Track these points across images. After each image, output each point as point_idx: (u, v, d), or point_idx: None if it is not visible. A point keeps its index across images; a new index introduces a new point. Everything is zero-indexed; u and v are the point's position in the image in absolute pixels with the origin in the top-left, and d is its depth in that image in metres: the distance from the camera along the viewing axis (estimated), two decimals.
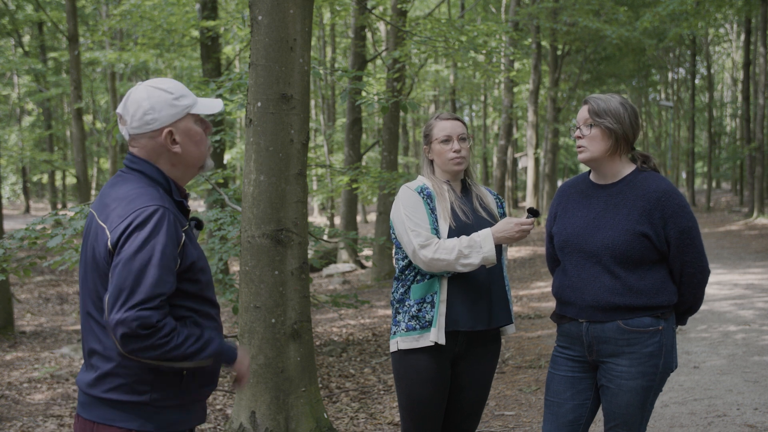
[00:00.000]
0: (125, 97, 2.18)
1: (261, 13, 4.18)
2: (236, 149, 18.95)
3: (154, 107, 2.12)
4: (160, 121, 2.13)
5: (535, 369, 6.27)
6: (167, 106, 2.13)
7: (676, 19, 18.21)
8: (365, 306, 10.14)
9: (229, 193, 6.45)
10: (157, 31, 15.53)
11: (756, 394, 5.19)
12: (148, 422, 2.07)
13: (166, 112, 2.13)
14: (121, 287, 1.95)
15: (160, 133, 2.14)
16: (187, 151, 2.18)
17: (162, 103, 2.13)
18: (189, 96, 2.18)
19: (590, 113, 2.79)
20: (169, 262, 2.00)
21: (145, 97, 2.13)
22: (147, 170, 2.15)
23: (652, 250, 2.73)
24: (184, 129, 2.17)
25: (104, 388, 2.07)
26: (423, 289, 2.97)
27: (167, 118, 2.13)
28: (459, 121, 3.10)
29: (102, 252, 2.04)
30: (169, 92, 2.15)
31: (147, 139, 2.15)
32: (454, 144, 3.04)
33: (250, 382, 4.27)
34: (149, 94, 2.13)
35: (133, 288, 1.94)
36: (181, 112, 2.15)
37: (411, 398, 3.02)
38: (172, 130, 2.15)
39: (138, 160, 2.16)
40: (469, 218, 3.03)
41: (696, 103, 34.82)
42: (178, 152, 2.17)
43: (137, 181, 2.12)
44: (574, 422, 2.88)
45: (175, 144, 2.16)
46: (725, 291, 9.79)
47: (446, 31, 11.47)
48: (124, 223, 2.01)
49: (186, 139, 2.17)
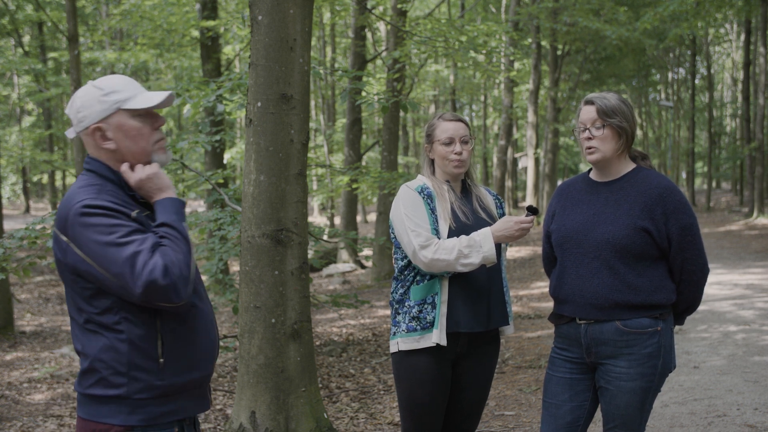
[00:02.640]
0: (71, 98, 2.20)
1: (261, 13, 4.18)
2: (236, 149, 18.93)
3: (84, 105, 2.13)
4: (89, 118, 2.12)
5: (535, 369, 6.27)
6: (95, 103, 2.12)
7: (677, 19, 18.21)
8: (365, 306, 10.14)
9: (229, 193, 6.45)
10: (157, 31, 15.52)
11: (756, 394, 5.19)
12: (130, 416, 2.07)
13: (94, 108, 2.12)
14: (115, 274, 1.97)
15: (91, 130, 2.13)
16: (122, 147, 2.14)
17: (91, 101, 2.12)
18: (122, 92, 2.14)
19: (599, 113, 2.77)
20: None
21: (79, 96, 2.14)
22: (97, 168, 2.15)
23: (652, 245, 2.73)
24: (116, 125, 2.13)
25: (86, 384, 2.10)
26: (423, 290, 2.97)
27: (95, 114, 2.12)
28: (462, 123, 3.09)
29: (57, 252, 2.07)
30: (99, 89, 2.13)
31: (85, 137, 2.16)
32: (456, 146, 3.04)
33: (250, 382, 4.27)
34: (84, 93, 2.14)
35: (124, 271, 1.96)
36: (109, 108, 2.12)
37: (411, 399, 3.02)
38: (100, 126, 2.12)
39: (90, 159, 2.18)
40: (468, 219, 3.03)
41: (696, 103, 34.82)
42: (112, 148, 2.14)
43: (84, 180, 2.13)
44: (573, 423, 2.87)
45: (107, 141, 2.13)
46: (725, 291, 9.79)
47: (446, 31, 11.48)
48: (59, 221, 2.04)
49: (119, 134, 2.13)
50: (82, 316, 2.08)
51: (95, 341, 2.07)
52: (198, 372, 2.19)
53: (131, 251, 1.97)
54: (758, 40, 21.48)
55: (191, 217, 6.73)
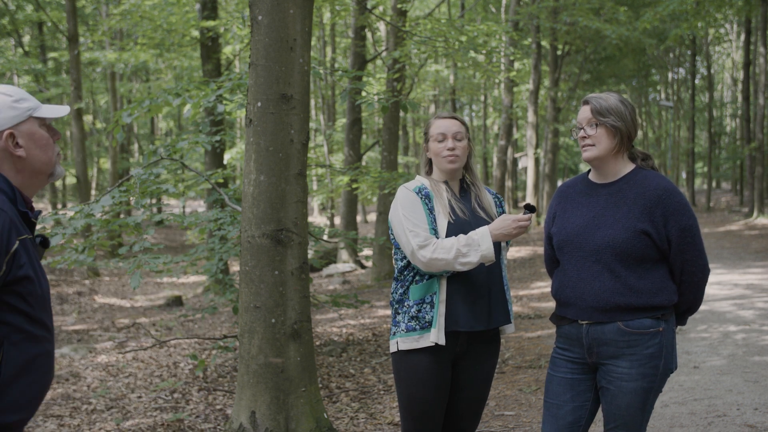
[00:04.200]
0: None
1: (261, 13, 4.18)
2: (236, 149, 18.93)
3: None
4: (0, 124, 2.08)
5: (535, 369, 6.27)
6: (6, 109, 2.09)
7: (676, 19, 18.22)
8: (365, 306, 10.14)
9: (229, 193, 6.44)
10: (157, 31, 15.53)
11: (756, 394, 5.19)
12: None
13: (5, 114, 2.08)
14: None
15: (1, 136, 2.08)
16: (32, 156, 2.12)
17: (1, 106, 2.09)
18: (31, 100, 2.14)
19: (593, 113, 2.79)
20: None
21: None
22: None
23: (652, 248, 2.73)
24: (28, 132, 2.11)
25: None
26: (422, 290, 2.97)
27: (7, 120, 2.08)
28: (457, 120, 3.10)
29: None
30: (8, 95, 2.11)
31: None
32: (449, 142, 3.04)
33: (250, 382, 4.27)
34: None
35: None
36: (21, 115, 2.10)
37: (411, 399, 3.02)
38: (13, 132, 2.09)
39: None
40: (467, 216, 3.04)
41: (696, 103, 34.83)
42: (22, 156, 2.10)
43: None
44: (574, 424, 2.87)
45: (18, 147, 2.10)
46: (725, 291, 9.79)
47: (446, 31, 11.48)
48: None
49: (30, 143, 2.11)
50: None
51: None
52: (26, 413, 2.06)
53: None
54: (758, 40, 21.48)
55: (191, 217, 6.72)
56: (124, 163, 26.78)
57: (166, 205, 26.59)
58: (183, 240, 24.65)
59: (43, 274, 2.10)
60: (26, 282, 1.99)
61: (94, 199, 5.59)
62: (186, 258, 6.84)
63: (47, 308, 2.09)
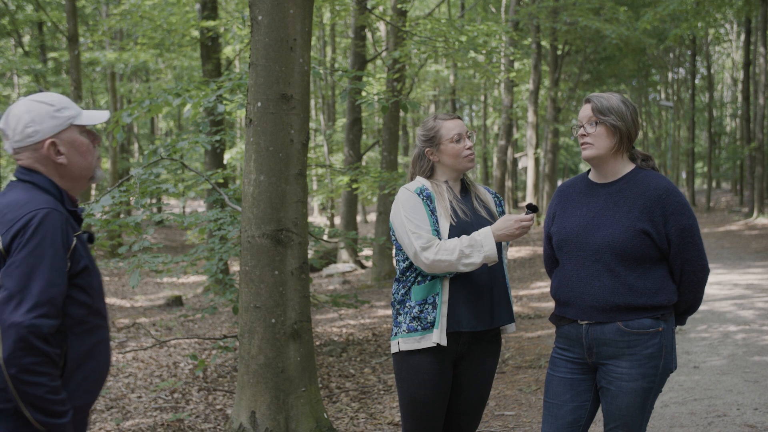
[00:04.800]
0: (6, 112, 2.21)
1: (261, 13, 4.18)
2: (236, 149, 18.94)
3: (35, 120, 2.15)
4: (41, 132, 2.16)
5: (535, 369, 6.27)
6: (48, 118, 2.16)
7: (676, 19, 18.22)
8: (365, 306, 10.14)
9: (229, 193, 6.44)
10: (157, 31, 15.53)
11: (756, 394, 5.19)
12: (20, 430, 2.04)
13: (48, 123, 2.16)
14: (12, 290, 1.98)
15: (42, 145, 2.16)
16: (72, 162, 2.21)
17: (43, 116, 2.16)
18: (72, 108, 2.21)
19: (594, 111, 2.79)
20: (60, 265, 2.04)
21: (25, 111, 2.16)
22: (38, 181, 2.18)
23: (652, 247, 2.73)
24: (68, 140, 2.20)
25: None
26: (424, 291, 2.97)
27: (49, 129, 2.16)
28: (459, 119, 3.12)
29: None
30: (50, 104, 2.18)
31: (31, 152, 2.17)
32: (467, 141, 3.06)
33: (250, 382, 4.27)
34: (29, 108, 2.17)
35: (25, 291, 1.98)
36: (63, 123, 2.18)
37: (412, 399, 3.02)
38: (55, 141, 2.17)
39: (28, 171, 2.19)
40: (468, 216, 3.04)
41: (696, 103, 34.82)
42: (63, 163, 2.19)
43: (28, 190, 2.15)
44: (574, 424, 2.87)
45: (60, 155, 2.19)
46: (725, 291, 9.79)
47: (446, 31, 11.47)
48: (15, 226, 2.04)
49: (71, 150, 2.20)
50: None
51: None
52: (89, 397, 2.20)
53: None
54: (758, 40, 21.48)
55: (191, 217, 6.72)
56: (124, 163, 26.77)
57: (166, 204, 26.56)
58: (183, 240, 24.65)
59: (96, 266, 2.24)
60: (85, 273, 2.14)
61: (94, 199, 5.59)
62: (186, 258, 6.84)
63: (102, 298, 2.24)
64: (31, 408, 2.00)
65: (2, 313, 1.98)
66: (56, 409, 2.02)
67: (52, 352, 2.01)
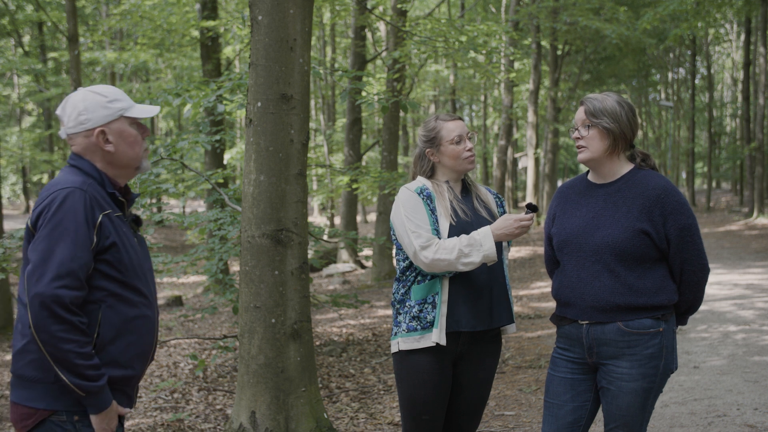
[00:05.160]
0: (64, 100, 2.38)
1: (261, 13, 4.18)
2: (236, 149, 18.93)
3: (88, 108, 2.32)
4: (93, 121, 2.32)
5: (535, 369, 6.27)
6: (100, 108, 2.32)
7: (676, 19, 18.22)
8: (365, 306, 10.14)
9: (229, 193, 6.44)
10: (157, 31, 15.53)
11: (756, 394, 5.19)
12: (55, 401, 2.19)
13: (99, 113, 2.32)
14: (36, 263, 2.12)
15: (93, 132, 2.32)
16: (120, 151, 2.36)
17: (95, 105, 2.32)
18: (124, 101, 2.37)
19: (587, 114, 2.80)
20: (82, 240, 2.16)
21: (80, 100, 2.33)
22: (83, 166, 2.33)
23: (652, 247, 2.73)
24: (117, 130, 2.35)
25: (19, 364, 2.21)
26: (424, 290, 2.97)
27: (99, 118, 2.32)
28: (461, 120, 3.12)
29: (25, 233, 2.24)
30: (103, 96, 2.34)
31: (82, 138, 2.33)
32: (467, 143, 3.06)
33: (250, 382, 4.27)
34: (85, 97, 2.34)
35: (47, 263, 2.11)
36: (113, 114, 2.34)
37: (412, 399, 3.01)
38: (104, 130, 2.33)
39: (76, 157, 2.35)
40: (468, 216, 3.04)
41: (696, 103, 34.81)
42: (111, 151, 2.34)
43: (70, 173, 2.31)
44: (574, 424, 2.87)
45: (108, 143, 2.34)
46: (725, 291, 9.79)
47: (446, 31, 11.46)
48: (42, 204, 2.20)
49: (119, 139, 2.35)
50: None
51: None
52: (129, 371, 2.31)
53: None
54: (758, 40, 21.48)
55: (191, 217, 6.72)
56: None
57: (166, 204, 26.55)
58: (183, 240, 24.64)
59: (134, 247, 2.36)
60: (113, 250, 2.25)
61: None
62: (186, 258, 6.84)
63: (140, 277, 2.35)
64: (65, 371, 2.12)
65: (28, 284, 2.12)
66: (88, 373, 2.14)
67: (76, 320, 2.12)
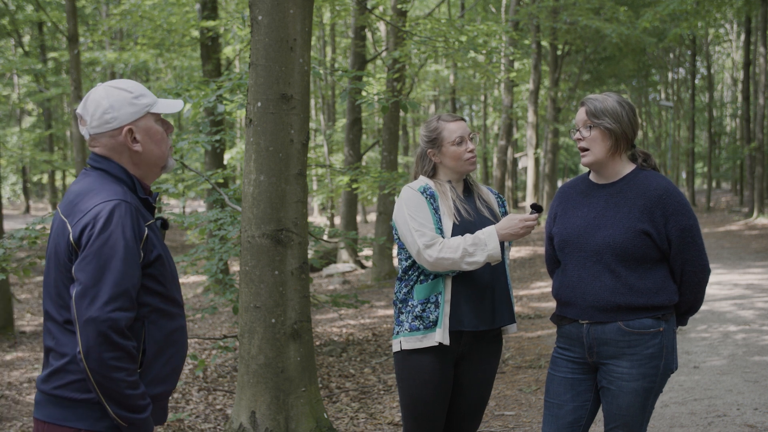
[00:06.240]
0: (84, 98, 2.19)
1: (261, 13, 4.18)
2: (236, 149, 18.92)
3: (114, 106, 2.13)
4: (119, 119, 2.14)
5: (535, 369, 6.27)
6: (126, 105, 2.14)
7: (676, 19, 18.22)
8: (365, 306, 10.14)
9: (229, 193, 6.44)
10: (157, 31, 15.52)
11: (756, 394, 5.19)
12: (98, 422, 2.04)
13: (126, 110, 2.14)
14: (86, 285, 1.96)
15: (120, 132, 2.15)
16: (147, 150, 2.19)
17: (121, 102, 2.14)
18: (148, 95, 2.19)
19: (588, 115, 2.79)
20: (132, 256, 2.02)
21: (104, 96, 2.14)
22: (110, 168, 2.15)
23: (653, 248, 2.73)
24: (145, 128, 2.18)
25: (55, 384, 2.06)
26: (427, 290, 2.97)
27: (127, 116, 2.14)
28: (463, 121, 3.12)
29: (63, 247, 2.06)
30: (128, 91, 2.16)
31: (107, 138, 2.15)
32: (469, 144, 3.06)
33: (250, 382, 4.27)
34: (108, 94, 2.15)
35: (99, 285, 1.96)
36: (140, 111, 2.16)
37: (413, 398, 3.01)
38: (132, 128, 2.15)
39: (101, 159, 2.17)
40: (471, 216, 3.04)
41: (696, 103, 34.82)
42: (139, 151, 2.17)
43: (100, 178, 2.13)
44: (574, 424, 2.87)
45: (136, 142, 2.17)
46: (725, 291, 9.79)
47: (446, 31, 11.46)
48: (85, 218, 2.02)
49: (146, 137, 2.18)
50: (64, 315, 2.06)
51: (75, 342, 2.03)
52: (166, 385, 2.19)
53: None
54: (758, 40, 21.47)
55: (191, 217, 6.72)
56: None
57: (166, 204, 26.57)
58: (183, 240, 24.64)
59: (169, 254, 2.21)
60: (158, 263, 2.11)
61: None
62: (186, 258, 6.84)
63: (177, 286, 2.22)
64: (111, 402, 1.99)
65: (78, 307, 1.96)
66: (137, 404, 2.02)
67: (130, 346, 2.00)
